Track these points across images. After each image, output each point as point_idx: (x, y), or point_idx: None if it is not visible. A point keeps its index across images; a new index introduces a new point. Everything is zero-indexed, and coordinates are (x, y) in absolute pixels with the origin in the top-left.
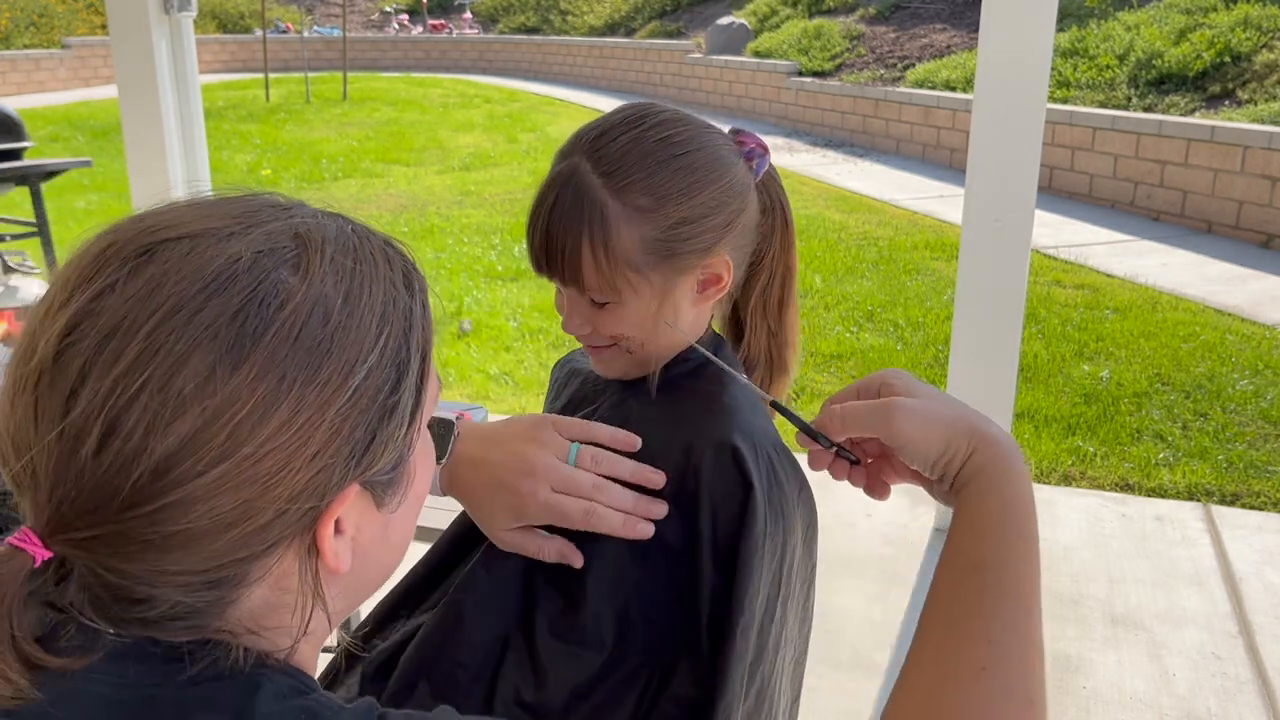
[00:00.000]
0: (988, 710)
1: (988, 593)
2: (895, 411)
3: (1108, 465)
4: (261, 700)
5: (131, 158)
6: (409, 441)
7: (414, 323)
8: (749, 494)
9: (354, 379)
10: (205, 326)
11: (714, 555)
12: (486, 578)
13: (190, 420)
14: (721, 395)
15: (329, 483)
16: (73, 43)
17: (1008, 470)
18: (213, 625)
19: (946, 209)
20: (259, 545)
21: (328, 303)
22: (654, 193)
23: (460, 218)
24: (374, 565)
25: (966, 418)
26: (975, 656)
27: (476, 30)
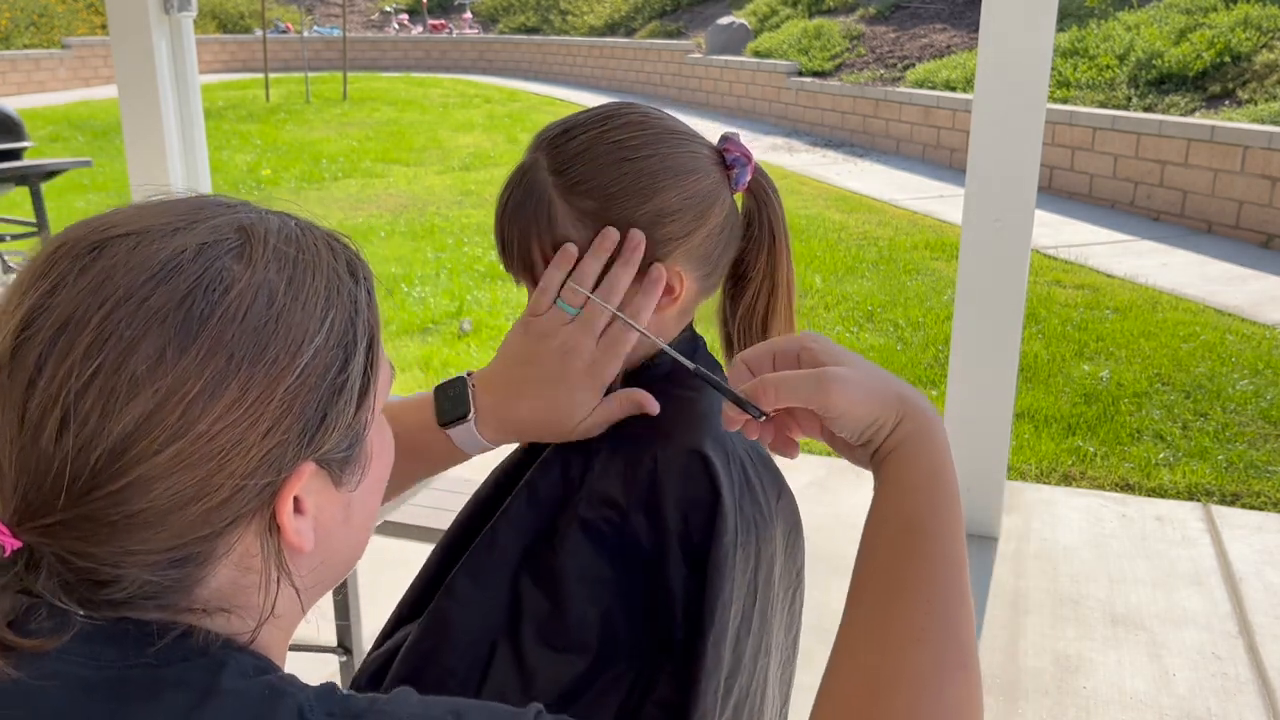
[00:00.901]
0: (927, 676)
1: (923, 557)
2: (830, 383)
3: (1108, 465)
4: (226, 677)
5: (131, 158)
6: (363, 422)
7: (359, 308)
8: (717, 502)
9: (301, 358)
10: (154, 312)
11: (684, 564)
12: (472, 585)
13: (143, 401)
14: (696, 401)
15: (283, 459)
16: (73, 43)
17: (933, 438)
18: (181, 604)
19: (946, 209)
20: (219, 522)
21: (271, 287)
22: (599, 195)
23: (460, 218)
24: (339, 548)
25: (893, 387)
26: (913, 623)
27: (476, 30)
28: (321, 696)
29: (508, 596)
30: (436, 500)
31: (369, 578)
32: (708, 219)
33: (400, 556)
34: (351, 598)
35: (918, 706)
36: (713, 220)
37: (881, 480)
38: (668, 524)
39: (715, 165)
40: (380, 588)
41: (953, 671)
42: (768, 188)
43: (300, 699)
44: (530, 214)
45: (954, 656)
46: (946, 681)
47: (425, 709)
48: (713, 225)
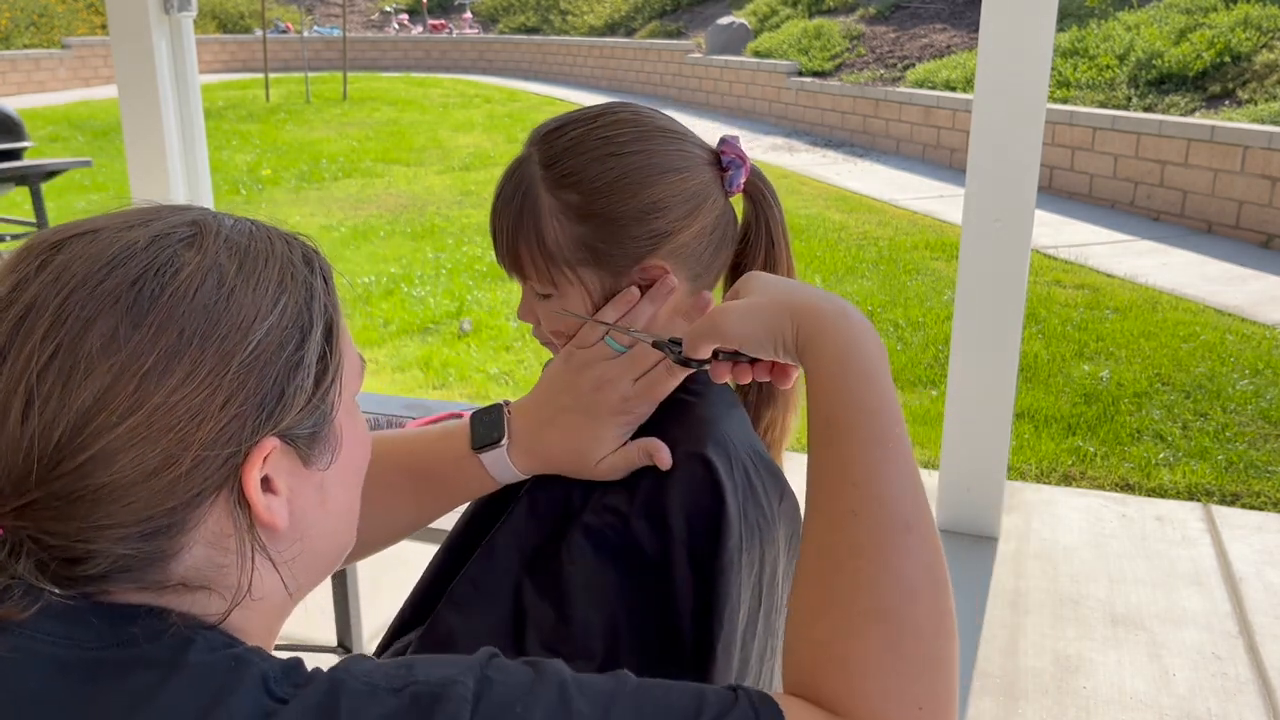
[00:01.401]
0: (866, 546)
1: (841, 442)
2: (721, 318)
3: (1108, 465)
4: (193, 652)
5: (131, 158)
6: (328, 404)
7: (314, 293)
8: (721, 507)
9: (253, 335)
10: (107, 294)
11: (689, 569)
12: (474, 593)
13: (100, 377)
14: (697, 405)
15: (243, 432)
16: (73, 43)
17: (835, 330)
18: (157, 580)
19: (946, 209)
20: (185, 493)
21: (222, 270)
22: (584, 190)
23: (460, 218)
24: (317, 532)
25: (785, 297)
26: (843, 503)
27: (476, 30)
28: (287, 669)
29: (510, 604)
30: None
31: (369, 577)
32: (697, 217)
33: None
34: (351, 597)
35: (864, 574)
36: (702, 219)
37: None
38: (672, 529)
39: (708, 166)
40: (380, 588)
41: (896, 536)
42: (766, 191)
43: (264, 668)
44: (517, 206)
45: (895, 521)
46: (891, 547)
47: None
48: (703, 224)
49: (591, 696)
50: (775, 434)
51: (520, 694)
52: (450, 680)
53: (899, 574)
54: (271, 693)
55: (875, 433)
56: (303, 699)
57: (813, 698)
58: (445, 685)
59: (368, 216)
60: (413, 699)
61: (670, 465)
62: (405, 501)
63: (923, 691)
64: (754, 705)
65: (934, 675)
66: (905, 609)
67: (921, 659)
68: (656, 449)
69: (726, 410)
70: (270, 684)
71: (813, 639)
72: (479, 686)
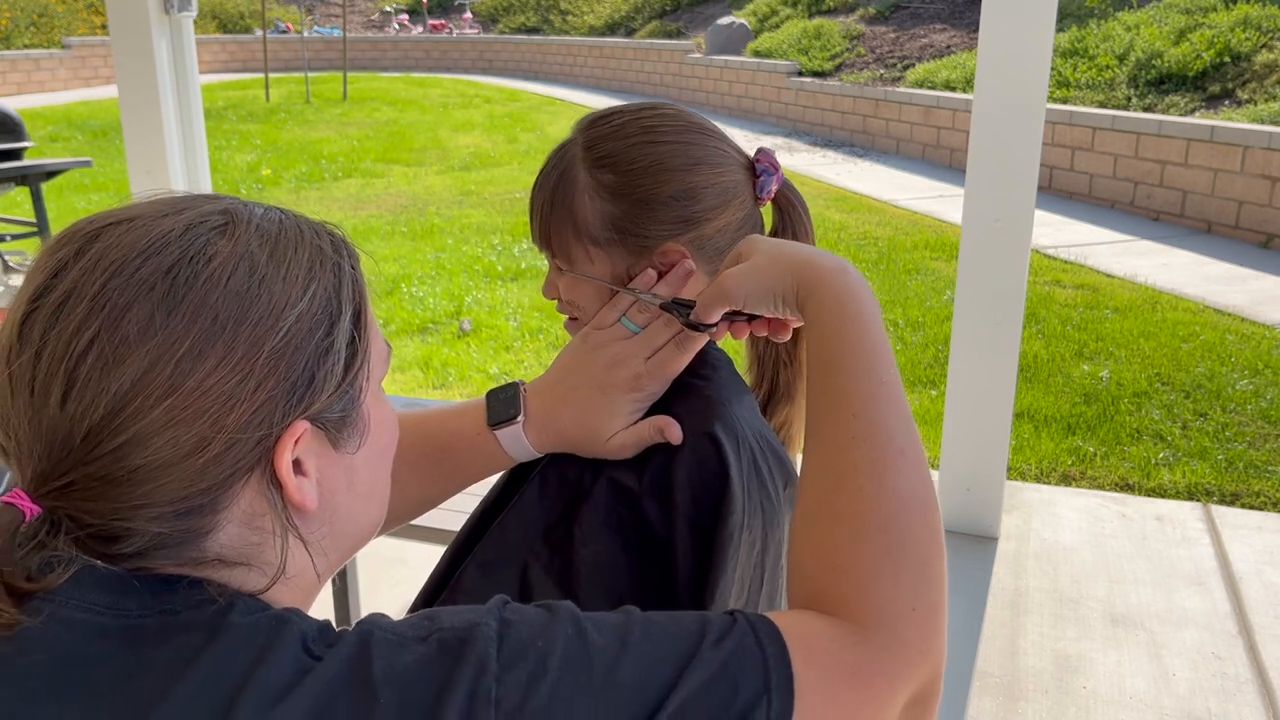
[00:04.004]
0: (864, 468)
1: (842, 375)
2: (727, 281)
3: (1108, 465)
4: (235, 614)
5: (131, 158)
6: (357, 388)
7: (343, 279)
8: (726, 484)
9: (284, 321)
10: (143, 281)
11: (691, 543)
12: (481, 577)
13: (136, 361)
14: (705, 387)
15: (274, 415)
16: (73, 43)
17: (833, 281)
18: (192, 557)
19: (946, 209)
20: (219, 474)
21: (254, 258)
22: (620, 171)
23: (460, 218)
24: (345, 514)
25: (786, 258)
26: (843, 429)
27: (476, 30)
28: (322, 629)
29: (518, 587)
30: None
31: (370, 577)
32: (724, 212)
33: (400, 556)
34: (352, 596)
35: (865, 491)
36: (729, 215)
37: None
38: (677, 504)
39: (741, 169)
40: (381, 587)
41: (891, 459)
42: (796, 203)
43: (303, 628)
44: (554, 182)
45: (892, 447)
46: (885, 469)
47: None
48: (728, 220)
49: (606, 630)
50: (791, 431)
51: (539, 631)
52: (473, 624)
53: (895, 490)
54: (309, 651)
55: (872, 369)
56: (335, 655)
57: (816, 605)
58: (469, 629)
59: (368, 216)
60: (440, 644)
61: (680, 441)
62: (420, 478)
63: (915, 594)
64: (751, 623)
65: (927, 579)
66: (901, 520)
67: (916, 564)
68: (667, 424)
69: (736, 394)
70: (308, 643)
71: (817, 551)
72: (501, 627)
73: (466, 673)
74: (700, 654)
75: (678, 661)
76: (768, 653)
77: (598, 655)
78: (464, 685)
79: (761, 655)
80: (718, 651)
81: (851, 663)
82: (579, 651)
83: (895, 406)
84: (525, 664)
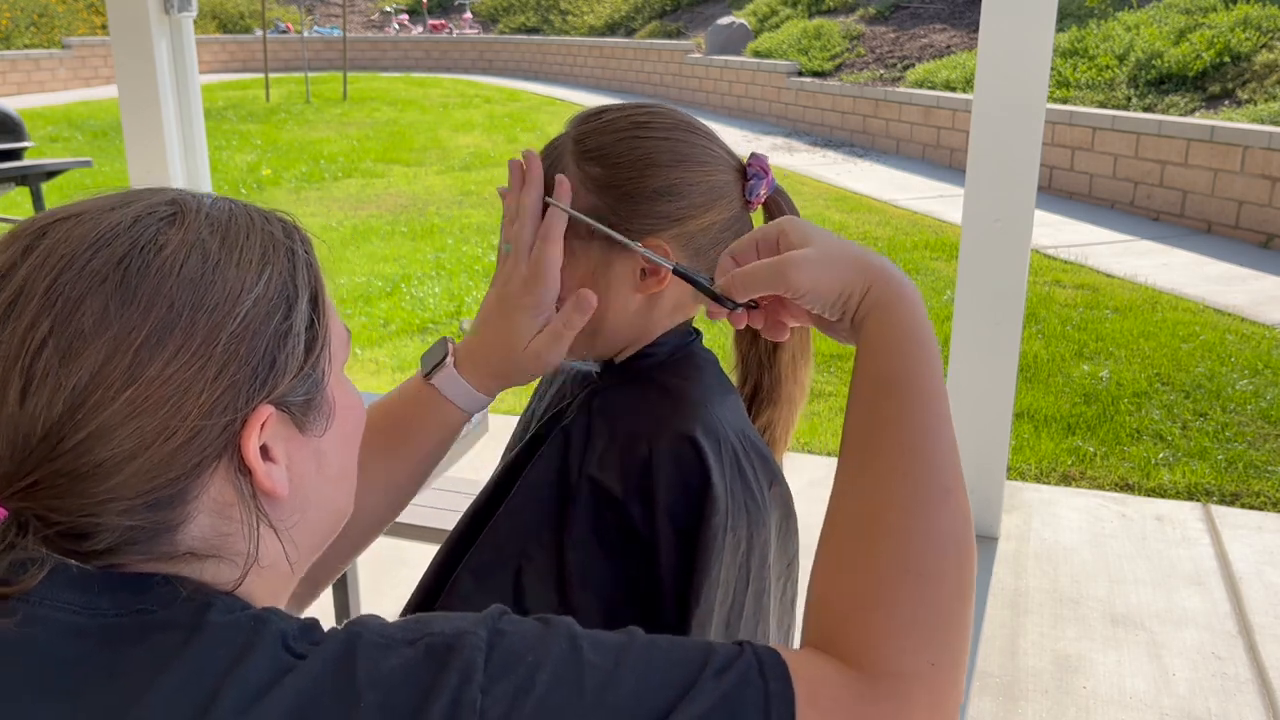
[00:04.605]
0: (911, 505)
1: (899, 405)
2: (790, 268)
3: (1108, 465)
4: (213, 614)
5: (131, 158)
6: (320, 371)
7: (298, 263)
8: (708, 486)
9: (241, 306)
10: (94, 274)
11: (674, 546)
12: (474, 583)
13: (93, 354)
14: (688, 388)
15: (238, 400)
16: (73, 43)
17: (904, 299)
18: (165, 550)
19: (946, 209)
20: (185, 463)
21: (205, 245)
22: (608, 164)
23: (460, 218)
24: (316, 499)
25: (859, 257)
26: (892, 464)
27: (476, 30)
28: (305, 627)
29: (511, 591)
30: (436, 500)
31: (369, 577)
32: (710, 211)
33: (400, 556)
34: (352, 596)
35: (907, 532)
36: (715, 215)
37: (860, 344)
38: (658, 507)
39: (731, 170)
40: (380, 587)
41: (938, 498)
42: (787, 210)
43: (283, 626)
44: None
45: (938, 485)
46: (932, 508)
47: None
48: (714, 219)
49: (602, 649)
50: (776, 433)
51: (532, 644)
52: (464, 631)
53: (935, 534)
54: (291, 649)
55: (930, 399)
56: (320, 653)
57: (831, 646)
58: (459, 636)
59: (368, 216)
60: (428, 650)
61: (594, 304)
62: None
63: (938, 648)
64: (758, 657)
65: (951, 634)
66: (936, 568)
67: (943, 617)
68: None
69: (719, 395)
70: (289, 641)
71: (843, 588)
72: (492, 637)
73: (451, 680)
74: (700, 683)
75: (676, 689)
76: (771, 688)
77: (590, 674)
78: (448, 692)
79: (764, 690)
80: (719, 683)
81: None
82: (571, 668)
83: (947, 442)
84: (514, 676)
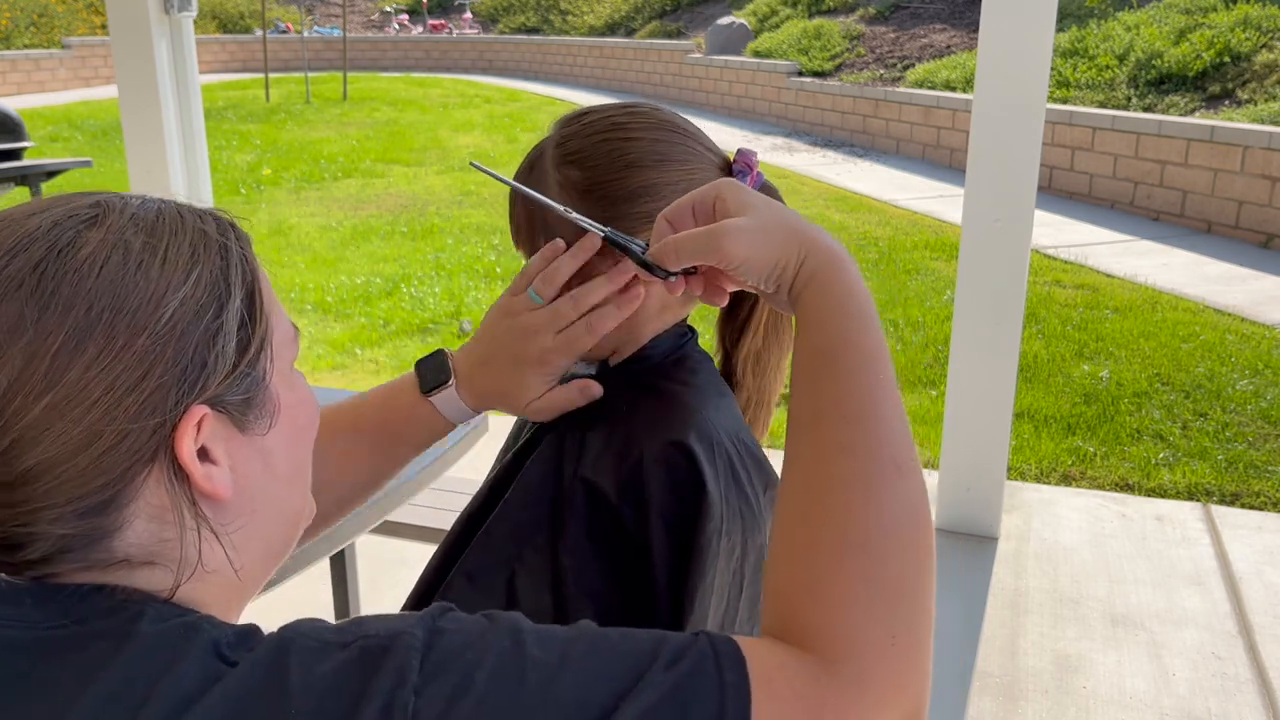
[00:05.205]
0: (856, 480)
1: (838, 376)
2: (724, 237)
3: (1108, 465)
4: (144, 623)
5: (131, 158)
6: (260, 370)
7: (231, 260)
8: (702, 492)
9: (166, 306)
10: (10, 280)
11: (668, 551)
12: (469, 586)
13: (11, 361)
14: (683, 393)
15: (166, 402)
16: (73, 43)
17: (841, 269)
18: (101, 559)
19: (946, 209)
20: (115, 468)
21: (128, 245)
22: (587, 168)
23: (460, 218)
24: (266, 499)
25: (793, 226)
26: (837, 436)
27: (476, 30)
28: (241, 634)
29: (504, 597)
30: (436, 500)
31: (369, 577)
32: None
33: (400, 556)
34: (352, 596)
35: (851, 507)
36: None
37: (798, 316)
38: (652, 514)
39: (714, 168)
40: (380, 587)
41: (885, 473)
42: None
43: (216, 634)
44: (529, 179)
45: (885, 458)
46: (880, 482)
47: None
48: None
49: (548, 643)
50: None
51: (471, 641)
52: (399, 632)
53: (883, 510)
54: (223, 656)
55: (873, 371)
56: (251, 660)
57: (787, 633)
58: (394, 637)
59: (368, 216)
60: (362, 652)
61: (599, 395)
62: (363, 461)
63: (897, 625)
64: (713, 646)
65: (909, 609)
66: (885, 544)
67: (897, 593)
68: (586, 385)
69: (714, 399)
70: (222, 648)
71: (792, 572)
72: (429, 636)
73: (384, 684)
74: (649, 675)
75: (623, 682)
76: (725, 679)
77: (533, 670)
78: (380, 696)
79: (718, 681)
80: (669, 674)
81: (815, 700)
82: (512, 665)
83: (893, 414)
84: (449, 676)
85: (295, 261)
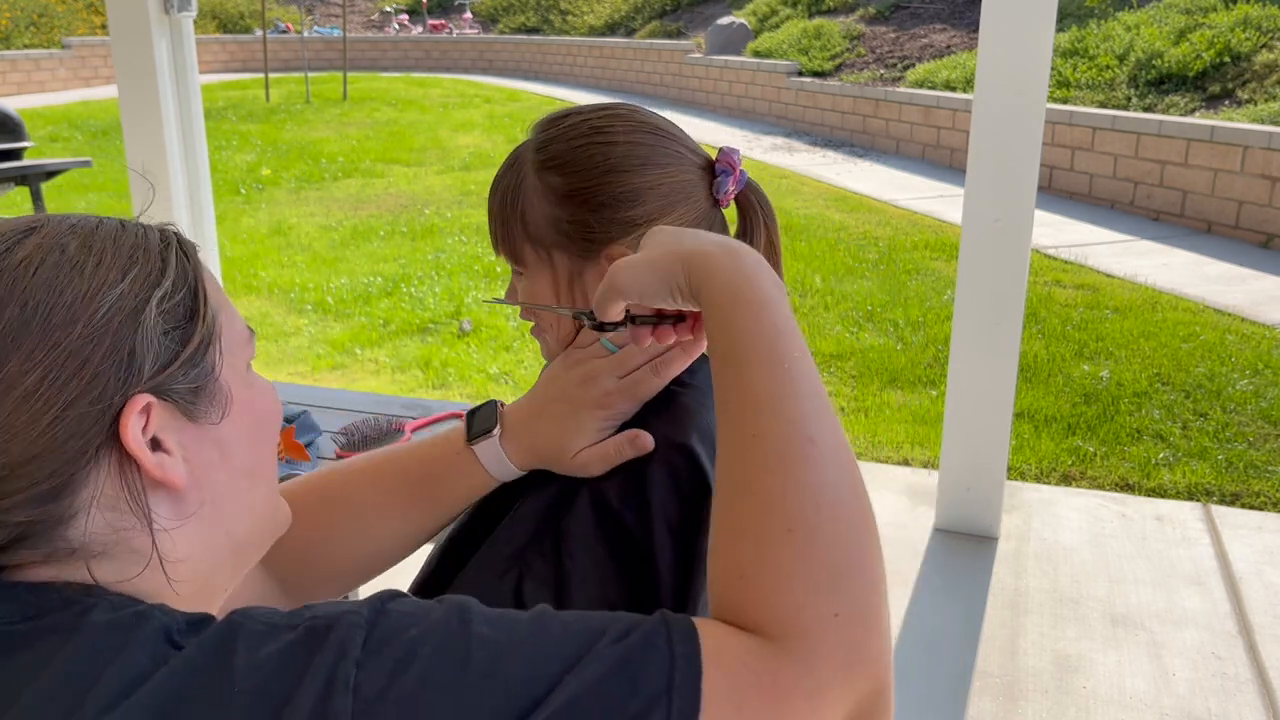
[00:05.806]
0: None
1: (738, 371)
2: (616, 273)
3: (1108, 465)
4: (95, 614)
5: (131, 158)
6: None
7: (171, 262)
8: (705, 493)
9: (103, 301)
10: None
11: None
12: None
13: None
14: (681, 396)
15: (108, 390)
16: (73, 43)
17: (723, 267)
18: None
19: (946, 209)
20: (64, 453)
21: (64, 248)
22: (567, 174)
23: (460, 218)
24: (229, 491)
25: (675, 246)
26: (746, 428)
27: (476, 30)
28: (193, 622)
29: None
30: None
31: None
32: (672, 213)
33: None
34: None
35: (770, 491)
36: (678, 216)
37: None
38: (655, 517)
39: (697, 170)
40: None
41: (798, 450)
42: (759, 207)
43: (167, 621)
44: (506, 185)
45: (799, 436)
46: (792, 462)
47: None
48: (677, 221)
49: (499, 624)
50: None
51: (416, 620)
52: (344, 611)
53: (804, 486)
54: (173, 642)
55: (772, 356)
56: (199, 643)
57: (734, 621)
58: (339, 616)
59: (368, 216)
60: (307, 631)
61: (652, 447)
62: (403, 509)
63: (840, 599)
64: (666, 622)
65: (850, 582)
66: (813, 519)
67: (834, 568)
68: (635, 436)
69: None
70: (173, 634)
71: (725, 562)
72: (374, 616)
73: (327, 658)
74: (595, 650)
75: (569, 657)
76: (676, 651)
77: (479, 647)
78: (323, 670)
79: (669, 653)
80: (616, 648)
81: (766, 674)
82: (457, 641)
83: (800, 391)
84: (392, 650)
85: (295, 261)
